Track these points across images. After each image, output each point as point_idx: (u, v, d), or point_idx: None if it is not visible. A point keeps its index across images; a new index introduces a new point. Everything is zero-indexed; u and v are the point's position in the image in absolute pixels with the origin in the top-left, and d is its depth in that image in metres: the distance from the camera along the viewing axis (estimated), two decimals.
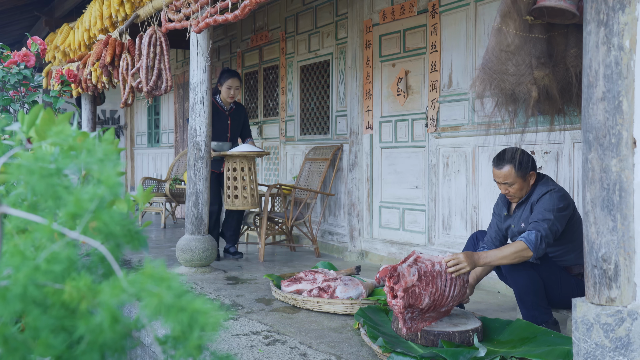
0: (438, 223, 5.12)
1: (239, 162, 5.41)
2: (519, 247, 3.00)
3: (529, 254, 3.00)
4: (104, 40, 6.02)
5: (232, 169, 5.41)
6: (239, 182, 5.40)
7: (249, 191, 5.43)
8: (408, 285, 2.81)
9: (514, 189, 3.21)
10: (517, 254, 3.00)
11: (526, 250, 2.99)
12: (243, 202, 5.41)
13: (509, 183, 3.19)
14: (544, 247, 3.01)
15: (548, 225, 3.03)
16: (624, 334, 1.96)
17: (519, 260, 3.02)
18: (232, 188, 5.42)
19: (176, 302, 0.76)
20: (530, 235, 3.01)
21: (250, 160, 5.49)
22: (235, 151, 5.38)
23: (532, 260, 3.06)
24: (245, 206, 5.43)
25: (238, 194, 5.40)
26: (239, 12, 4.04)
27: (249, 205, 5.44)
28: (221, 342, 3.11)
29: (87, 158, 0.87)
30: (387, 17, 5.65)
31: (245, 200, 5.42)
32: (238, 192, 5.40)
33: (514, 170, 3.16)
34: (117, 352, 0.81)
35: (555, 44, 2.67)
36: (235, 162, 5.42)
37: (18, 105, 4.46)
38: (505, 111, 2.73)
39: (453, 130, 4.94)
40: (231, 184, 5.42)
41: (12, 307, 0.77)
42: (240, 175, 5.40)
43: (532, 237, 3.00)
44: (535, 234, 3.00)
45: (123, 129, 12.23)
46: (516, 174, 3.17)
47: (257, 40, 7.80)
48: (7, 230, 0.93)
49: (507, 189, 3.22)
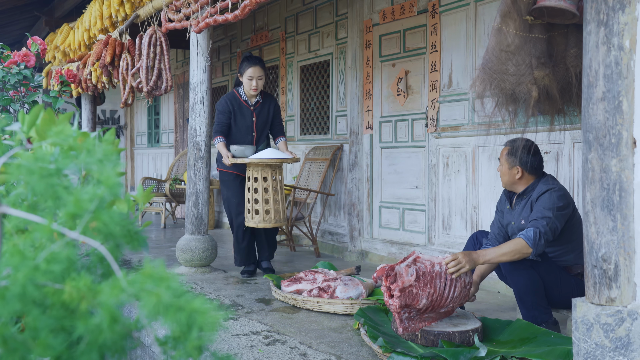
0: (438, 223, 5.12)
1: (260, 170, 4.49)
2: (518, 244, 3.02)
3: (528, 251, 3.01)
4: (104, 40, 6.02)
5: (252, 178, 4.51)
6: (260, 195, 4.48)
7: (273, 205, 4.50)
8: (405, 285, 2.81)
9: (501, 170, 3.34)
10: (516, 250, 3.02)
11: (525, 247, 3.01)
12: (265, 218, 4.49)
13: (500, 162, 3.34)
14: (542, 243, 3.02)
15: (547, 222, 3.04)
16: (624, 334, 1.96)
17: (519, 257, 3.03)
18: (253, 202, 4.51)
19: (175, 302, 0.76)
20: (528, 232, 3.03)
21: (275, 169, 4.56)
22: (255, 158, 4.47)
23: (531, 257, 3.06)
24: (268, 223, 4.51)
25: (259, 209, 4.48)
26: (239, 12, 4.04)
27: (272, 223, 4.52)
28: (221, 342, 3.11)
29: (87, 158, 0.87)
30: (387, 17, 5.65)
31: (268, 217, 4.49)
32: (259, 206, 4.49)
33: (506, 152, 3.31)
34: (117, 353, 0.81)
35: (555, 44, 2.67)
36: (256, 171, 4.50)
37: (18, 105, 4.46)
38: (505, 111, 2.73)
39: (453, 130, 4.94)
40: (251, 196, 4.51)
41: (11, 307, 0.77)
42: (262, 186, 4.49)
43: (531, 233, 3.02)
44: (534, 230, 3.02)
45: (123, 129, 12.23)
46: (506, 157, 3.30)
47: (257, 40, 7.80)
48: (7, 230, 0.93)
49: (499, 168, 3.36)
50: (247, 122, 4.88)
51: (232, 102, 4.86)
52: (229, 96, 4.91)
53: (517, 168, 3.26)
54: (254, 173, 4.51)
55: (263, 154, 4.51)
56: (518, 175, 3.27)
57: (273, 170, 4.52)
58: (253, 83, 4.76)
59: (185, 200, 6.87)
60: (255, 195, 4.49)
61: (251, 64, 4.76)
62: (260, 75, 4.77)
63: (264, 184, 4.48)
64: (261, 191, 4.47)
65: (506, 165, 3.30)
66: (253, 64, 4.76)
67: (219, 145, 4.71)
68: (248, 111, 4.89)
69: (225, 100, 4.87)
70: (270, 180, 4.49)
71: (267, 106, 4.94)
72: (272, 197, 4.48)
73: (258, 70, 4.76)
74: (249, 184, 4.54)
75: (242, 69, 4.81)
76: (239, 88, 4.92)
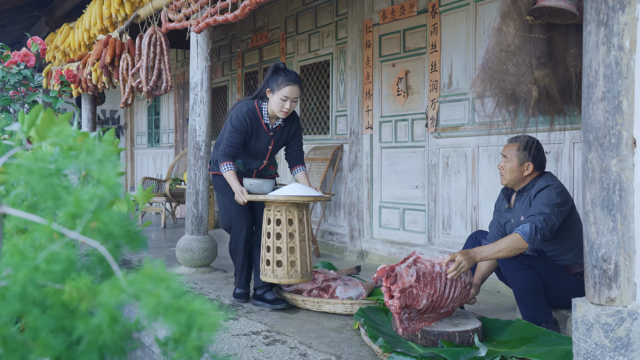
0: (438, 223, 5.12)
1: (285, 211, 3.57)
2: (514, 239, 3.02)
3: (524, 246, 3.01)
4: (104, 40, 6.02)
5: (274, 220, 3.58)
6: (284, 242, 3.55)
7: (299, 255, 3.58)
8: (405, 285, 2.81)
9: (507, 166, 3.30)
10: (512, 246, 3.01)
11: (521, 241, 3.00)
12: (290, 272, 3.56)
13: (507, 158, 3.30)
14: (539, 238, 3.02)
15: (544, 218, 3.04)
16: (624, 334, 1.96)
17: (515, 253, 3.03)
18: (274, 250, 3.58)
19: (174, 302, 0.76)
20: (525, 227, 3.03)
21: (302, 209, 3.65)
22: (282, 196, 3.51)
23: (528, 252, 3.06)
24: (293, 278, 3.58)
25: (282, 260, 3.56)
26: (239, 12, 4.04)
27: (298, 278, 3.60)
28: (221, 342, 3.11)
29: (86, 158, 0.87)
30: (387, 17, 5.65)
31: (294, 271, 3.57)
32: (282, 256, 3.56)
33: (515, 147, 3.27)
34: (117, 353, 0.81)
35: (555, 44, 2.67)
36: (279, 212, 3.58)
37: (18, 105, 4.46)
38: (505, 111, 2.73)
39: (453, 130, 4.94)
40: (272, 243, 3.58)
41: (11, 307, 0.77)
42: (287, 230, 3.57)
43: (527, 229, 3.02)
44: (530, 225, 3.02)
45: (123, 129, 12.23)
46: (516, 153, 3.26)
47: (257, 40, 7.80)
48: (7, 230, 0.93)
49: (503, 164, 3.32)
50: (260, 147, 3.95)
51: (251, 121, 3.85)
52: (250, 113, 3.86)
53: (528, 164, 3.25)
54: (275, 214, 3.57)
55: (289, 190, 3.57)
56: (527, 172, 3.27)
57: (300, 210, 3.61)
58: (286, 105, 3.76)
59: (185, 200, 6.86)
60: (277, 242, 3.56)
61: (290, 82, 3.74)
62: (296, 97, 3.78)
63: (289, 227, 3.57)
64: (285, 237, 3.54)
65: (516, 161, 3.27)
66: (292, 82, 3.75)
67: (227, 175, 3.78)
68: (266, 136, 3.92)
69: (245, 117, 3.84)
70: (296, 223, 3.57)
71: (287, 129, 4.00)
72: (298, 244, 3.57)
73: (296, 91, 3.76)
74: (269, 227, 3.60)
75: (275, 84, 3.77)
76: (263, 103, 3.87)
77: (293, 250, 3.57)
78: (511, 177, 3.30)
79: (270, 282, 3.78)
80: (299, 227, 3.56)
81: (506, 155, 3.31)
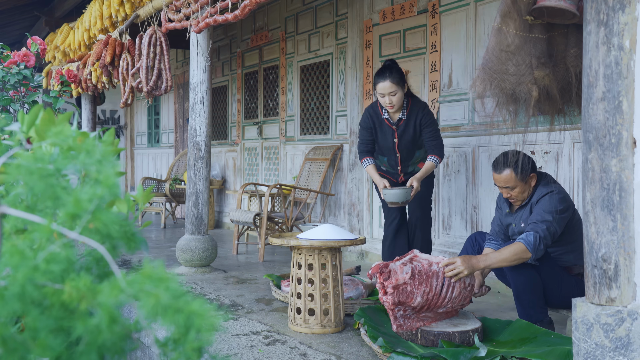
0: (438, 223, 5.12)
1: (317, 255, 3.33)
2: (518, 249, 3.00)
3: (527, 256, 3.01)
4: (104, 40, 6.02)
5: (305, 265, 3.34)
6: (316, 289, 3.32)
7: (332, 303, 3.34)
8: (399, 282, 2.80)
9: (515, 192, 3.21)
10: (515, 256, 3.01)
11: (525, 252, 3.00)
12: (323, 321, 3.31)
13: (510, 187, 3.20)
14: (542, 248, 3.02)
15: (547, 226, 3.03)
16: (624, 334, 1.96)
17: (518, 262, 3.03)
18: (305, 297, 3.33)
19: (173, 303, 0.76)
20: (528, 236, 3.01)
21: (335, 253, 3.39)
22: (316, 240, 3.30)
23: (530, 261, 3.06)
24: (326, 328, 3.32)
25: (315, 309, 3.32)
26: (239, 12, 4.04)
27: (332, 327, 3.33)
28: (221, 342, 3.11)
29: (86, 159, 0.87)
30: (387, 17, 5.65)
31: (327, 320, 3.33)
32: (315, 304, 3.32)
33: (514, 174, 3.16)
34: (116, 354, 0.81)
35: (555, 44, 2.67)
36: (311, 256, 3.34)
37: (18, 105, 4.46)
38: (505, 111, 2.72)
39: (453, 130, 4.94)
40: (303, 290, 3.34)
41: (10, 307, 0.77)
42: (320, 276, 3.33)
43: (531, 238, 3.00)
44: (534, 235, 3.01)
45: (123, 129, 12.23)
46: (516, 178, 3.16)
47: (257, 40, 7.80)
48: (7, 230, 0.93)
49: (509, 192, 3.23)
50: (388, 142, 4.14)
51: (372, 117, 4.15)
52: (371, 109, 4.19)
53: (530, 177, 3.22)
54: (307, 258, 3.34)
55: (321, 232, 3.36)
56: (534, 181, 3.24)
57: (333, 255, 3.37)
58: (386, 100, 3.96)
59: (185, 200, 6.87)
60: (309, 289, 3.33)
61: (379, 79, 3.96)
62: (392, 91, 3.93)
63: (322, 273, 3.34)
64: (318, 284, 3.32)
65: (521, 184, 3.18)
66: (382, 79, 3.94)
67: (368, 170, 4.14)
68: (389, 130, 4.13)
69: (367, 113, 4.19)
70: (329, 269, 3.34)
71: (412, 121, 4.08)
72: (332, 290, 3.34)
73: (388, 86, 3.92)
74: (300, 273, 3.35)
75: (374, 83, 4.04)
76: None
77: (327, 297, 3.36)
78: (523, 196, 3.23)
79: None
80: (332, 273, 3.34)
81: (508, 185, 3.20)
